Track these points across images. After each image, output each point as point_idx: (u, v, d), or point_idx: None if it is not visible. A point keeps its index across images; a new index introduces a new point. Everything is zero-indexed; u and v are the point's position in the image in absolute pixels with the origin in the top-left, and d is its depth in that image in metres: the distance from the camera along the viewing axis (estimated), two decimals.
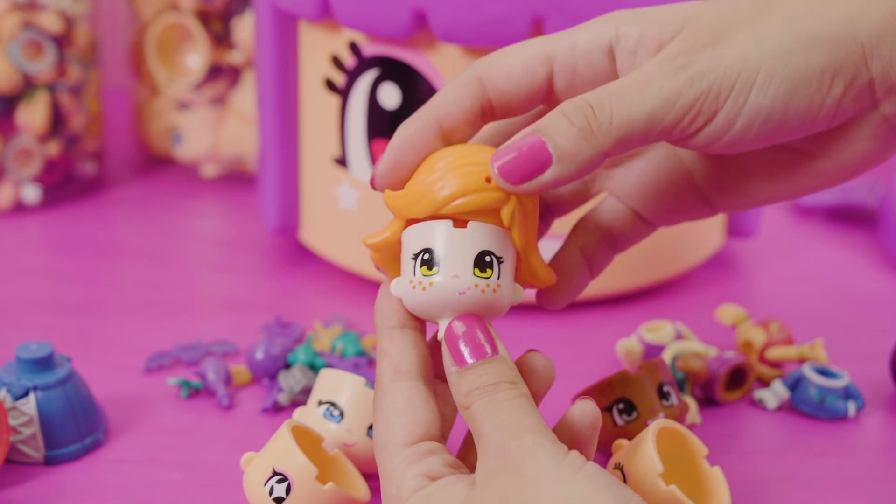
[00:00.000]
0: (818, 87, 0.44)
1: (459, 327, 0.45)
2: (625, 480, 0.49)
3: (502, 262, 0.45)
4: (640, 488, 0.48)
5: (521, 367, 0.47)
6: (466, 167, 0.45)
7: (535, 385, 0.47)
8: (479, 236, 0.45)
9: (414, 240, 0.46)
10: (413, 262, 0.45)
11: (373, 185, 0.47)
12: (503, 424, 0.43)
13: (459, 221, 0.45)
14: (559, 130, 0.43)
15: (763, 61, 0.43)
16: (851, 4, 0.44)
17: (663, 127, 0.43)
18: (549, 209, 0.52)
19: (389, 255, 0.48)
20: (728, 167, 0.49)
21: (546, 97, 0.47)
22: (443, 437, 0.47)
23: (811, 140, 0.46)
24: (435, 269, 0.45)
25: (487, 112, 0.46)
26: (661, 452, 0.48)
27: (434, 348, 0.48)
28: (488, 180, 0.45)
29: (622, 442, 0.51)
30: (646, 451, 0.48)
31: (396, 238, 0.47)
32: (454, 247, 0.45)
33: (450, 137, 0.46)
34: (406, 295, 0.46)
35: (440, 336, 0.46)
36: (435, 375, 0.48)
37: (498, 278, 0.45)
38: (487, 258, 0.45)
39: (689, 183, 0.50)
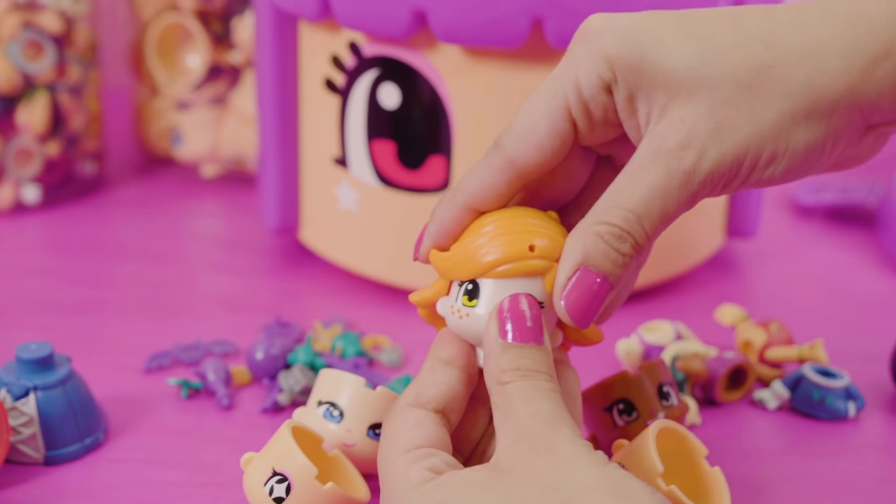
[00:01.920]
0: (820, 154, 0.45)
1: (512, 304, 0.45)
2: None
3: (542, 307, 0.46)
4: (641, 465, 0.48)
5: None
6: (511, 234, 0.46)
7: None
8: (522, 282, 0.46)
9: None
10: (459, 288, 0.47)
11: (416, 260, 0.49)
12: (541, 412, 0.43)
13: None
14: (613, 262, 0.45)
15: (765, 145, 0.44)
16: (853, 71, 0.44)
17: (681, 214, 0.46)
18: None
19: (435, 313, 0.49)
20: None
21: (571, 145, 0.47)
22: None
23: None
24: (475, 301, 0.46)
25: (522, 184, 0.48)
26: (661, 453, 0.48)
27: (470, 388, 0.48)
28: (531, 248, 0.46)
29: (622, 442, 0.51)
30: (646, 451, 0.48)
31: (438, 296, 0.48)
32: (498, 287, 0.46)
33: (483, 211, 0.48)
34: (447, 318, 0.48)
35: (479, 362, 0.47)
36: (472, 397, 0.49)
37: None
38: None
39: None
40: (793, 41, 0.44)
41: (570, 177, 0.50)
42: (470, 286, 0.46)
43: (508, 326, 0.45)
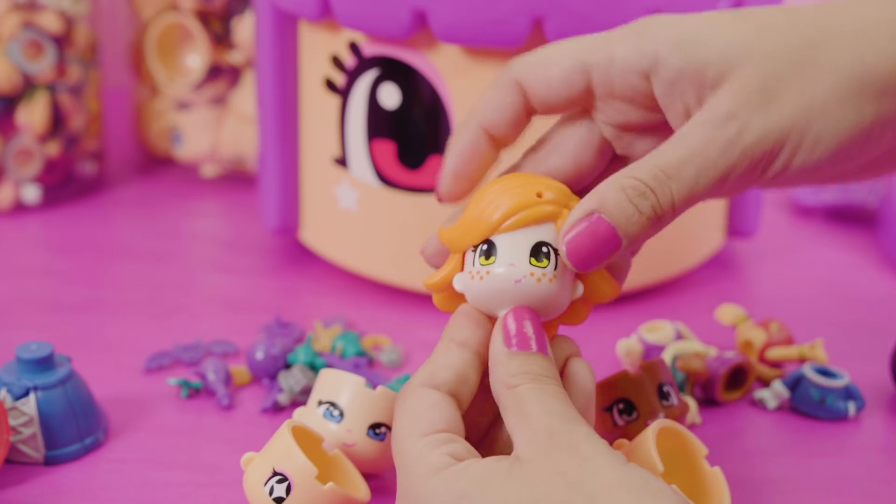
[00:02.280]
0: (866, 141, 0.44)
1: (515, 320, 0.45)
2: None
3: (559, 254, 0.46)
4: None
5: (570, 377, 0.47)
6: (516, 188, 0.46)
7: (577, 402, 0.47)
8: (536, 230, 0.46)
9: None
10: (473, 253, 0.46)
11: (440, 200, 0.49)
12: (556, 411, 0.43)
13: None
14: (628, 218, 0.44)
15: (812, 122, 0.43)
16: None
17: (719, 194, 0.45)
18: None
19: (452, 295, 0.48)
20: None
21: (585, 101, 0.47)
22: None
23: None
24: (493, 258, 0.46)
25: (531, 111, 0.48)
26: (661, 452, 0.48)
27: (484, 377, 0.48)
28: (539, 195, 0.46)
29: (622, 442, 0.51)
30: (646, 451, 0.48)
31: (454, 272, 0.48)
32: (512, 240, 0.46)
33: (498, 140, 0.48)
34: (467, 287, 0.47)
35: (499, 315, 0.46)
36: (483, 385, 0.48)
37: (555, 269, 0.46)
38: (544, 249, 0.46)
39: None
40: (844, 22, 0.44)
41: (581, 166, 0.49)
42: (485, 246, 0.46)
43: (514, 336, 0.45)
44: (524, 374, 0.44)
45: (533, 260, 0.46)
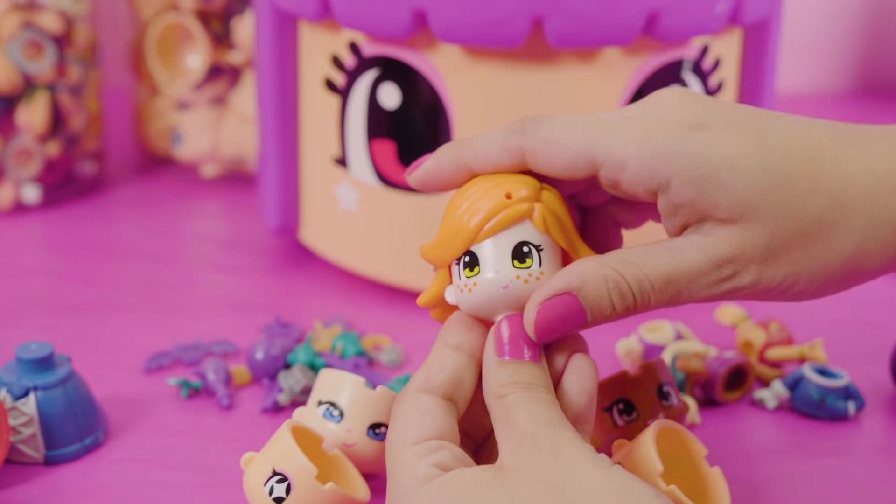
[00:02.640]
0: (847, 286, 0.47)
1: (506, 330, 0.46)
2: None
3: (542, 249, 0.46)
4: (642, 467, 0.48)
5: (573, 373, 0.47)
6: (484, 195, 0.46)
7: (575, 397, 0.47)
8: (513, 232, 0.46)
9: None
10: (457, 266, 0.47)
11: (406, 176, 0.49)
12: (541, 418, 0.43)
13: None
14: (602, 310, 0.45)
15: (798, 282, 0.46)
16: None
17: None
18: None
19: (446, 309, 0.48)
20: None
21: (588, 184, 0.48)
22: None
23: None
24: (476, 268, 0.46)
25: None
26: (661, 452, 0.48)
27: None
28: (508, 196, 0.46)
29: (622, 442, 0.51)
30: (646, 451, 0.48)
31: (442, 287, 0.48)
32: (492, 246, 0.46)
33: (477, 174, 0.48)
34: (458, 300, 0.47)
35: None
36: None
37: (540, 266, 0.46)
38: (525, 248, 0.46)
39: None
40: (859, 202, 0.45)
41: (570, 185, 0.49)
42: (467, 258, 0.46)
43: (506, 345, 0.45)
44: (514, 383, 0.44)
45: (516, 262, 0.46)
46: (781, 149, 0.45)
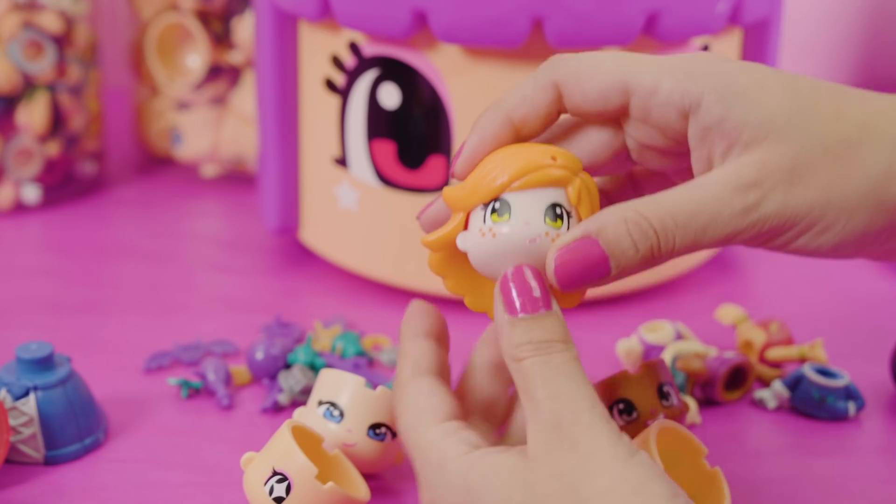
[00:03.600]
0: (871, 244, 0.45)
1: (514, 275, 0.44)
2: None
3: (571, 216, 0.45)
4: None
5: None
6: (529, 151, 0.45)
7: None
8: (549, 192, 0.45)
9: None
10: (483, 211, 0.45)
11: (453, 177, 0.48)
12: (561, 394, 0.42)
13: None
14: (623, 252, 0.43)
15: (826, 213, 0.44)
16: None
17: (718, 246, 0.45)
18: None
19: (448, 257, 0.47)
20: None
21: (618, 117, 0.47)
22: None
23: None
24: (507, 215, 0.45)
25: (562, 111, 0.47)
26: (661, 452, 0.48)
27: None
28: (554, 158, 0.45)
29: None
30: (646, 450, 0.48)
31: (457, 230, 0.46)
32: (526, 198, 0.45)
33: (522, 132, 0.47)
34: (473, 246, 0.45)
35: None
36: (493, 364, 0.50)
37: (567, 230, 0.45)
38: (558, 209, 0.45)
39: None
40: (886, 128, 0.44)
41: (593, 164, 0.49)
42: (497, 203, 0.45)
43: (515, 299, 0.44)
44: (527, 343, 0.43)
45: (548, 219, 0.45)
46: (809, 82, 0.45)
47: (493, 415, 0.51)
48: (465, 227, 0.46)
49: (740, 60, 0.46)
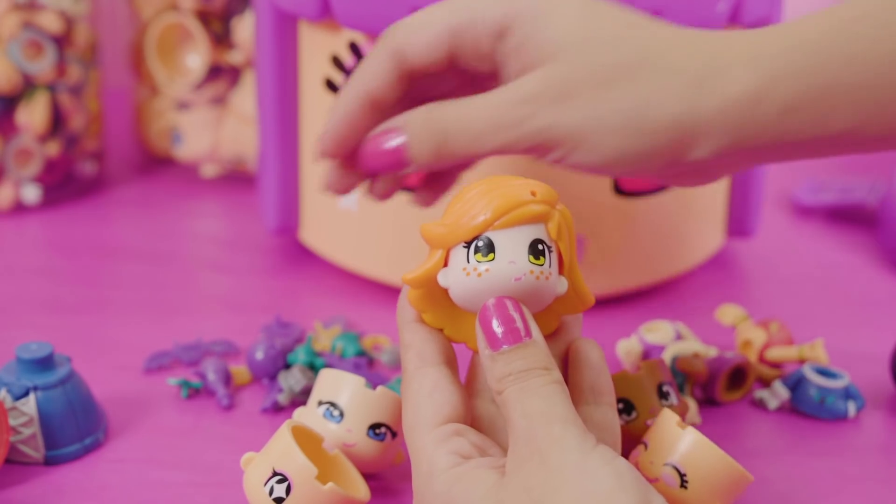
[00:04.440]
0: (634, 164, 0.49)
1: (494, 308, 0.45)
2: (646, 449, 0.50)
3: (552, 251, 0.46)
4: (662, 443, 0.49)
5: (573, 355, 0.48)
6: (506, 187, 0.46)
7: (588, 375, 0.48)
8: (532, 228, 0.46)
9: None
10: (465, 250, 0.46)
11: (320, 156, 0.54)
12: (533, 412, 0.43)
13: None
14: (419, 145, 0.50)
15: (592, 133, 0.48)
16: (691, 96, 0.47)
17: (511, 153, 0.50)
18: None
19: (428, 293, 0.47)
20: None
21: (453, 60, 0.52)
22: (469, 417, 0.48)
23: None
24: (491, 255, 0.45)
25: (409, 75, 0.52)
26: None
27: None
28: (533, 193, 0.46)
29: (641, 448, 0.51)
30: (662, 415, 0.49)
31: (437, 268, 0.47)
32: (509, 236, 0.45)
33: (380, 105, 0.52)
34: (456, 284, 0.46)
35: None
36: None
37: (549, 266, 0.46)
38: (540, 246, 0.45)
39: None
40: (657, 57, 0.48)
41: (450, 85, 0.54)
42: (480, 242, 0.45)
43: (496, 331, 0.45)
44: (507, 376, 0.44)
45: (531, 257, 0.45)
46: (609, 9, 0.50)
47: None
48: (445, 263, 0.46)
49: None
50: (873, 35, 0.47)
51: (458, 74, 0.53)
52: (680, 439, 0.49)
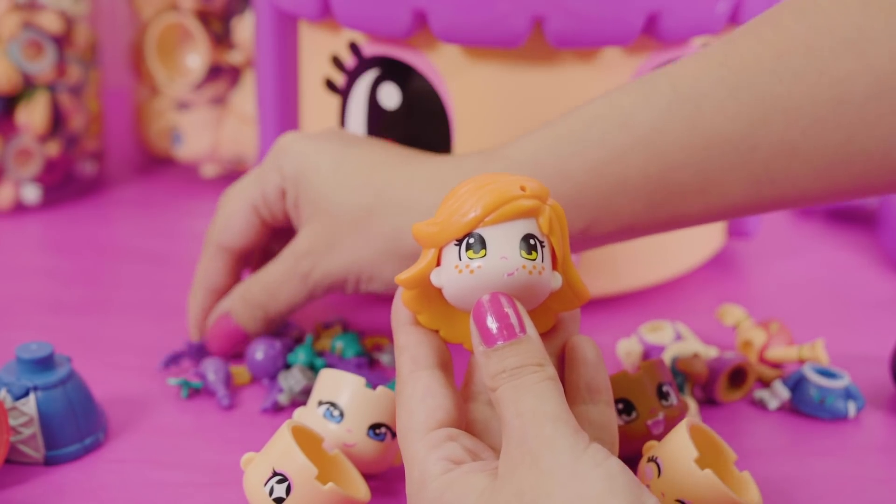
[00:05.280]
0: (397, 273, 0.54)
1: (488, 304, 0.45)
2: (659, 473, 0.49)
3: (544, 245, 0.46)
4: (676, 475, 0.48)
5: (570, 353, 0.48)
6: (496, 183, 0.46)
7: (584, 373, 0.48)
8: (522, 223, 0.45)
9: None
10: (457, 247, 0.45)
11: (196, 339, 0.63)
12: (525, 411, 0.43)
13: None
14: (247, 322, 0.61)
15: (363, 269, 0.57)
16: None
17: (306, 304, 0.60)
18: None
19: (422, 293, 0.47)
20: None
21: (264, 231, 0.61)
22: (463, 421, 0.48)
23: None
24: (482, 251, 0.45)
25: (239, 258, 0.62)
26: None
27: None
28: (523, 188, 0.45)
29: (652, 443, 0.51)
30: (680, 438, 0.48)
31: (430, 268, 0.46)
32: (500, 232, 0.45)
33: (221, 292, 0.63)
34: (449, 282, 0.46)
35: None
36: None
37: (542, 261, 0.45)
38: (532, 241, 0.45)
39: None
40: (395, 195, 0.56)
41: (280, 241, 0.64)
42: (471, 239, 0.45)
43: (490, 327, 0.44)
44: (501, 373, 0.44)
45: (524, 252, 0.45)
46: (358, 158, 0.58)
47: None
48: (438, 263, 0.46)
49: (327, 131, 0.61)
50: (574, 150, 0.53)
51: (283, 233, 0.63)
52: (697, 481, 0.48)
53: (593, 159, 0.53)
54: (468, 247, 0.45)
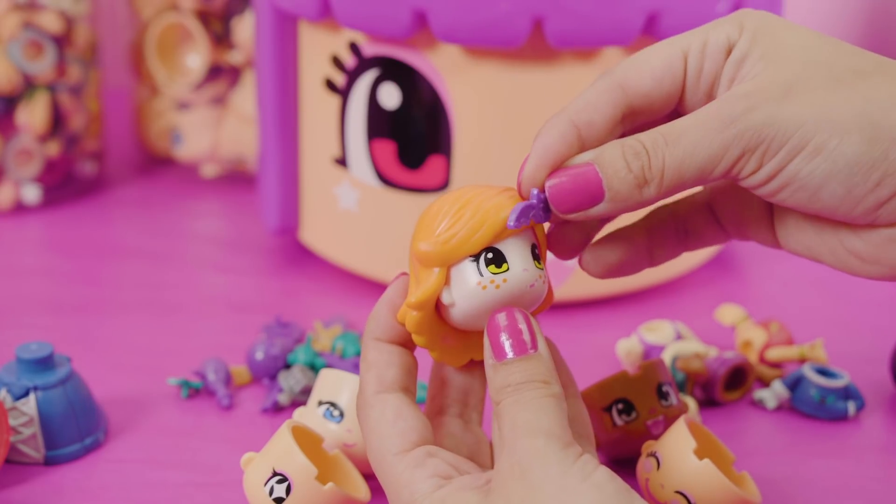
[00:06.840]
0: (861, 181, 0.42)
1: (503, 319, 0.44)
2: (658, 466, 0.49)
3: (540, 256, 0.46)
4: (674, 466, 0.49)
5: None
6: (489, 195, 0.45)
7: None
8: (525, 234, 0.45)
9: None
10: (474, 263, 0.45)
11: (520, 190, 0.46)
12: (520, 424, 0.42)
13: None
14: (617, 172, 0.44)
15: (819, 131, 0.42)
16: None
17: (712, 177, 0.44)
18: None
19: (428, 316, 0.46)
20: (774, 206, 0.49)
21: (681, 96, 0.47)
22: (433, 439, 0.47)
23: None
24: (505, 265, 0.44)
25: (628, 117, 0.46)
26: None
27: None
28: (513, 198, 0.45)
29: (651, 442, 0.51)
30: (678, 431, 0.49)
31: (441, 287, 0.45)
32: (515, 244, 0.45)
33: (586, 142, 0.46)
34: (466, 299, 0.45)
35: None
36: None
37: (545, 269, 0.46)
38: (536, 250, 0.46)
39: (754, 201, 0.49)
40: (889, 67, 0.43)
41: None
42: (489, 254, 0.44)
43: (503, 342, 0.44)
44: (505, 387, 0.43)
45: (535, 263, 0.45)
46: (838, 43, 0.45)
47: (467, 405, 0.49)
48: (447, 281, 0.45)
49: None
50: None
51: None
52: (695, 470, 0.48)
53: None
54: (488, 262, 0.45)
